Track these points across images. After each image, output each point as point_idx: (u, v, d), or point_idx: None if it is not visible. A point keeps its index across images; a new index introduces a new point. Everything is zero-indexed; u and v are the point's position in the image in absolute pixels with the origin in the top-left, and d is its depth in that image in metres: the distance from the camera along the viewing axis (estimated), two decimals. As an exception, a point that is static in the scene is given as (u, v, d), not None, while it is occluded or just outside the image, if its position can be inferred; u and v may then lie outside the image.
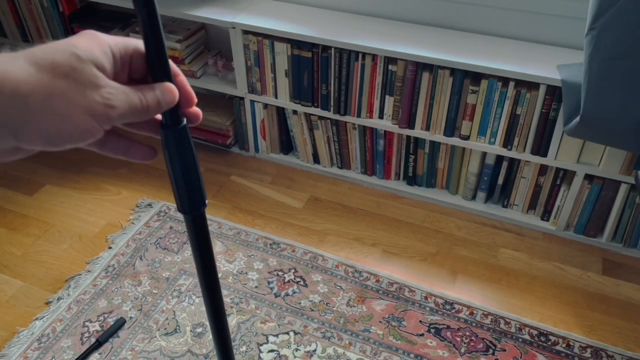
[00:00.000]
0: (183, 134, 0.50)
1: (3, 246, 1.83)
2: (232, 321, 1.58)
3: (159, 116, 0.50)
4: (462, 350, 1.52)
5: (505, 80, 1.67)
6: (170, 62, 0.47)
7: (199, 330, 1.57)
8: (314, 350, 1.51)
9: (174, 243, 1.83)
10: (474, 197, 1.97)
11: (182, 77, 0.49)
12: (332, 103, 1.92)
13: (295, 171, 2.16)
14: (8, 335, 1.56)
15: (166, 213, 1.95)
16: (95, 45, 0.42)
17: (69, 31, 2.22)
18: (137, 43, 0.45)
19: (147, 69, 0.46)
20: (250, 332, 1.56)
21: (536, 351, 1.52)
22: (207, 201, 0.56)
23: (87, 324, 1.58)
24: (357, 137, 2.00)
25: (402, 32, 1.83)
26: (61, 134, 0.40)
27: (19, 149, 0.40)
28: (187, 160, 0.51)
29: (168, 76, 0.47)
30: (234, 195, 2.04)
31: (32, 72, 0.38)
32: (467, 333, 1.56)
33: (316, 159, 2.13)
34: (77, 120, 0.40)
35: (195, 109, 0.51)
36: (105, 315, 1.60)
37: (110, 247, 1.81)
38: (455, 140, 1.83)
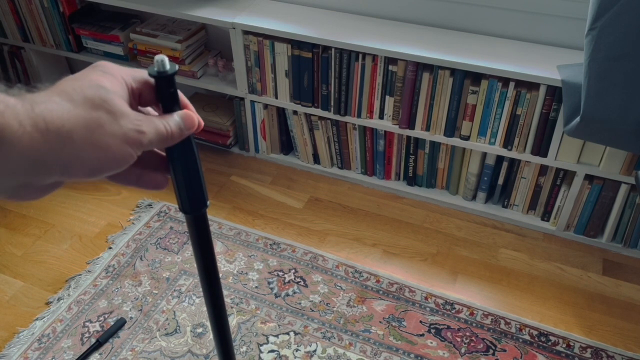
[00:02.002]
0: None
1: (3, 246, 1.83)
2: (232, 321, 1.59)
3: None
4: (463, 350, 1.52)
5: (505, 81, 1.67)
6: (180, 94, 0.50)
7: (199, 330, 1.57)
8: (314, 351, 1.51)
9: (174, 243, 1.83)
10: (474, 198, 1.97)
11: (191, 107, 0.51)
12: (332, 103, 1.92)
13: (295, 171, 2.16)
14: (8, 335, 1.56)
15: (166, 213, 1.95)
16: (114, 79, 0.44)
17: (69, 31, 2.22)
18: (143, 74, 0.48)
19: (160, 103, 0.49)
20: (251, 333, 1.56)
21: (536, 351, 1.52)
22: (208, 202, 0.56)
23: (87, 324, 1.58)
24: (358, 137, 2.00)
25: (402, 32, 1.83)
26: (102, 164, 0.42)
27: (58, 182, 0.41)
28: (188, 160, 0.52)
29: (180, 107, 0.49)
30: (234, 195, 2.05)
31: (70, 108, 0.40)
32: (468, 333, 1.56)
33: (316, 159, 2.13)
34: (116, 149, 0.42)
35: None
36: (106, 316, 1.60)
37: (110, 248, 1.81)
38: (455, 141, 1.83)
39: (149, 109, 0.50)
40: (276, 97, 2.02)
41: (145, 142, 0.44)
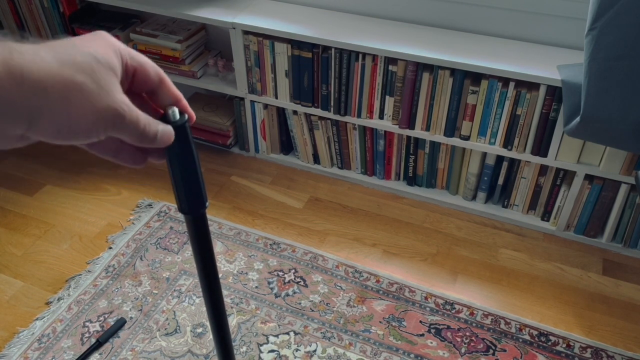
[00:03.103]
0: (184, 133, 0.50)
1: (3, 246, 1.83)
2: (232, 321, 1.59)
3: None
4: (463, 350, 1.52)
5: (505, 81, 1.67)
6: (173, 86, 0.50)
7: (199, 330, 1.57)
8: (314, 351, 1.51)
9: (174, 243, 1.83)
10: (474, 198, 1.97)
11: (184, 102, 0.51)
12: (332, 103, 1.92)
13: (295, 171, 2.16)
14: (8, 335, 1.56)
15: (166, 213, 1.95)
16: (110, 50, 0.43)
17: (69, 31, 2.22)
18: (144, 59, 0.47)
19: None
20: (251, 332, 1.56)
21: (536, 351, 1.52)
22: (207, 203, 0.56)
23: (87, 324, 1.58)
24: (358, 137, 2.00)
25: (402, 32, 1.83)
26: (71, 129, 0.41)
27: (24, 137, 0.40)
28: (187, 160, 0.51)
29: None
30: (234, 195, 2.04)
31: (54, 65, 0.39)
32: (468, 333, 1.56)
33: (316, 159, 2.13)
34: (89, 119, 0.41)
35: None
36: (106, 316, 1.60)
37: (110, 248, 1.81)
38: (455, 141, 1.83)
39: None
40: (276, 97, 2.02)
41: (119, 127, 0.43)
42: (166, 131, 0.48)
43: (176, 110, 0.49)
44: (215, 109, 2.22)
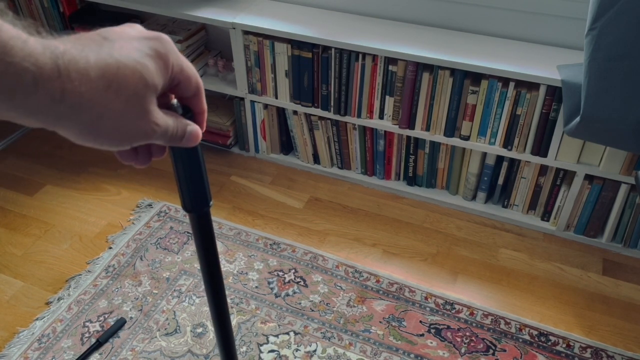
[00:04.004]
0: None
1: (3, 246, 1.83)
2: (232, 321, 1.59)
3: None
4: (463, 350, 1.52)
5: (505, 81, 1.67)
6: (204, 98, 0.49)
7: (199, 330, 1.57)
8: (314, 351, 1.51)
9: (174, 243, 1.83)
10: (474, 198, 1.97)
11: (205, 116, 0.51)
12: (332, 103, 1.92)
13: (295, 171, 2.16)
14: (8, 335, 1.56)
15: (166, 213, 1.95)
16: (161, 63, 0.42)
17: (69, 31, 2.22)
18: (191, 72, 0.46)
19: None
20: (251, 332, 1.56)
21: (536, 351, 1.52)
22: (211, 201, 0.56)
23: (87, 324, 1.58)
24: (358, 137, 2.00)
25: (402, 32, 1.83)
26: (96, 141, 0.40)
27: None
28: (192, 159, 0.52)
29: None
30: (234, 195, 2.05)
31: (100, 86, 0.37)
32: (468, 333, 1.56)
33: (316, 159, 2.13)
34: (116, 137, 0.40)
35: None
36: (106, 316, 1.60)
37: (110, 248, 1.81)
38: (455, 141, 1.83)
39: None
40: (276, 97, 2.02)
41: (148, 140, 0.43)
42: (195, 132, 0.47)
43: (179, 105, 0.48)
44: (215, 109, 2.22)
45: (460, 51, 1.71)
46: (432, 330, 1.56)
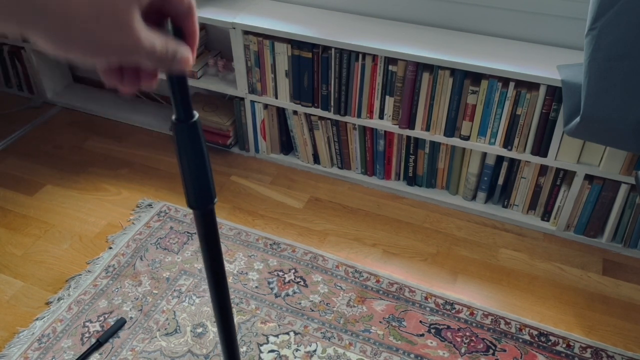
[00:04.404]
0: (194, 130, 0.50)
1: (3, 246, 1.83)
2: (232, 321, 1.58)
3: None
4: (463, 350, 1.52)
5: (505, 81, 1.67)
6: (196, 20, 0.46)
7: (199, 330, 1.57)
8: (314, 351, 1.51)
9: (174, 243, 1.83)
10: (474, 198, 1.97)
11: (197, 39, 0.47)
12: (332, 103, 1.92)
13: (295, 171, 2.16)
14: (8, 335, 1.56)
15: (166, 213, 1.95)
16: None
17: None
18: None
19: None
20: (251, 332, 1.56)
21: (536, 351, 1.52)
22: (216, 199, 0.56)
23: (87, 324, 1.58)
24: (358, 137, 2.00)
25: (402, 32, 1.83)
26: (68, 50, 0.38)
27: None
28: (197, 156, 0.52)
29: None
30: (234, 195, 2.04)
31: None
32: (468, 333, 1.56)
33: (316, 159, 2.13)
34: (89, 51, 0.38)
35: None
36: (106, 316, 1.60)
37: (110, 248, 1.81)
38: (455, 141, 1.83)
39: None
40: (276, 97, 2.02)
41: (133, 59, 0.40)
42: (186, 53, 0.43)
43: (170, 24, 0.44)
44: (215, 109, 2.22)
45: (460, 51, 1.71)
46: (432, 330, 1.56)
